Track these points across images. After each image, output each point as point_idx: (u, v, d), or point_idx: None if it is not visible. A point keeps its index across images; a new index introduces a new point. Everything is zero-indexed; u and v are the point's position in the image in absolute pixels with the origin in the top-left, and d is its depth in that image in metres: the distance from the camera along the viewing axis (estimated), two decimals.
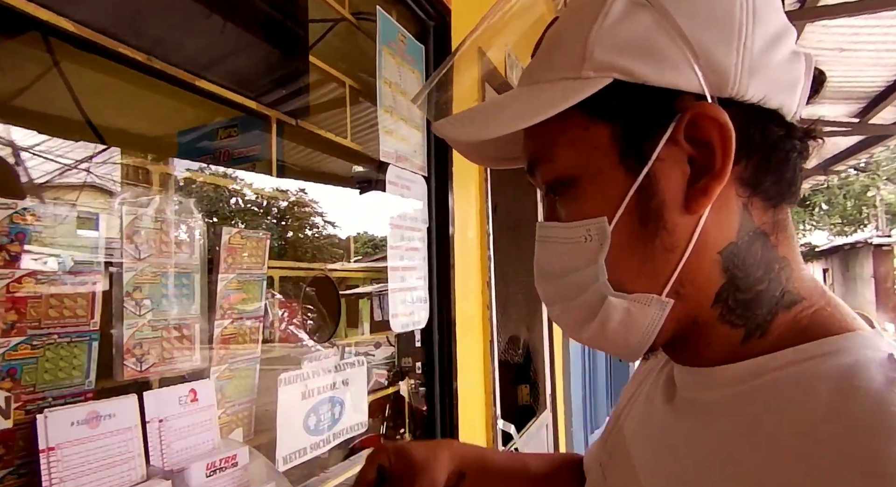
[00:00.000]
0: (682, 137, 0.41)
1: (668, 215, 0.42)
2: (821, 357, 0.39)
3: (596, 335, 0.45)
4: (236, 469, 0.89)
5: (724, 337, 0.44)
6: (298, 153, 1.71)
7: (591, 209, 0.43)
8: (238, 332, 1.05)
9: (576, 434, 3.42)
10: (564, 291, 0.46)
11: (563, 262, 0.46)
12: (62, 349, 0.76)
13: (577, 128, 0.43)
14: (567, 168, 0.44)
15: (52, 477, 0.70)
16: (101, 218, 0.80)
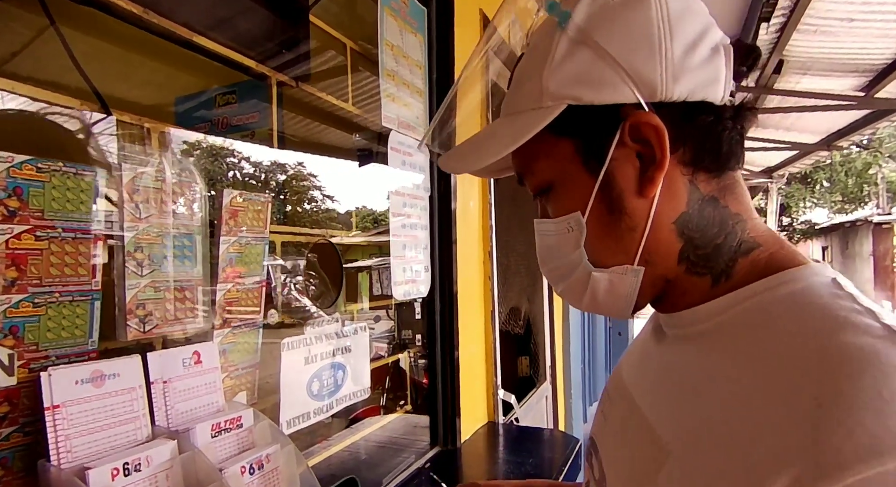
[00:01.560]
0: (628, 139, 0.51)
1: (626, 202, 0.52)
2: (778, 286, 0.48)
3: (591, 303, 0.56)
4: (241, 431, 0.90)
5: (695, 285, 0.54)
6: (298, 122, 1.68)
7: (569, 206, 0.54)
8: (240, 296, 1.04)
9: (574, 406, 3.46)
10: (561, 272, 0.57)
11: (555, 250, 0.56)
12: (64, 307, 0.75)
13: (547, 145, 0.54)
14: (545, 177, 0.55)
15: (59, 435, 0.70)
16: (100, 174, 0.78)
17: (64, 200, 0.74)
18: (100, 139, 0.82)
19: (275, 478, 0.87)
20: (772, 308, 0.47)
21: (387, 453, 1.74)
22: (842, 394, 0.37)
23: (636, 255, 0.53)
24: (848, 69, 3.73)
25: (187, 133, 1.04)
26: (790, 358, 0.42)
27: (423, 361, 2.02)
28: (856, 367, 0.38)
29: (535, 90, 0.52)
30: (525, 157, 0.56)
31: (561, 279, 0.57)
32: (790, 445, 0.38)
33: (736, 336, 0.48)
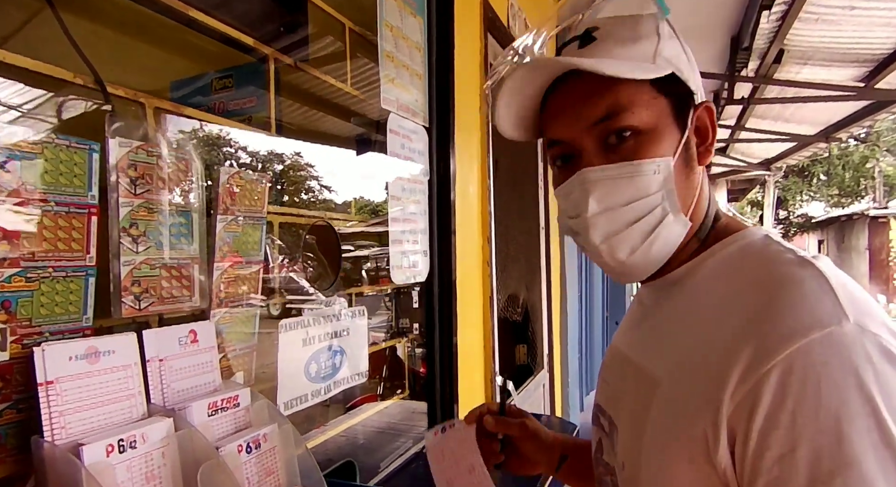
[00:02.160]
0: (694, 118, 0.64)
1: (693, 163, 0.64)
2: (731, 244, 0.63)
3: (644, 251, 0.63)
4: (238, 410, 0.89)
5: (689, 250, 0.66)
6: (297, 109, 1.67)
7: (660, 151, 0.61)
8: (238, 276, 1.03)
9: (571, 395, 3.47)
10: (628, 216, 0.62)
11: (629, 193, 0.61)
12: (58, 283, 0.74)
13: (648, 96, 0.61)
14: (643, 121, 0.61)
15: (52, 411, 0.69)
16: (94, 149, 0.77)
17: (57, 173, 0.72)
18: (94, 114, 0.81)
19: (272, 458, 0.86)
20: (728, 259, 0.62)
21: (384, 438, 1.74)
22: (773, 300, 0.52)
23: (689, 209, 0.64)
24: (849, 59, 3.71)
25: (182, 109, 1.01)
26: (738, 288, 0.57)
27: (420, 350, 2.01)
28: (782, 284, 0.53)
29: (650, 51, 0.62)
30: (626, 97, 0.61)
31: (624, 225, 0.62)
32: (740, 341, 0.52)
33: (701, 284, 0.62)
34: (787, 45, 3.59)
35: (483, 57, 2.05)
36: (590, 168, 0.62)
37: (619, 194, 0.61)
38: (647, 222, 0.62)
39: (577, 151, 0.64)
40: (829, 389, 0.46)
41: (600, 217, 0.62)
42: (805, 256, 0.56)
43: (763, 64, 4.01)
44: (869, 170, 17.02)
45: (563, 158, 0.67)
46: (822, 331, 0.48)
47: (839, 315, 0.49)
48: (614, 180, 0.61)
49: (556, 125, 0.66)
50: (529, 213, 2.93)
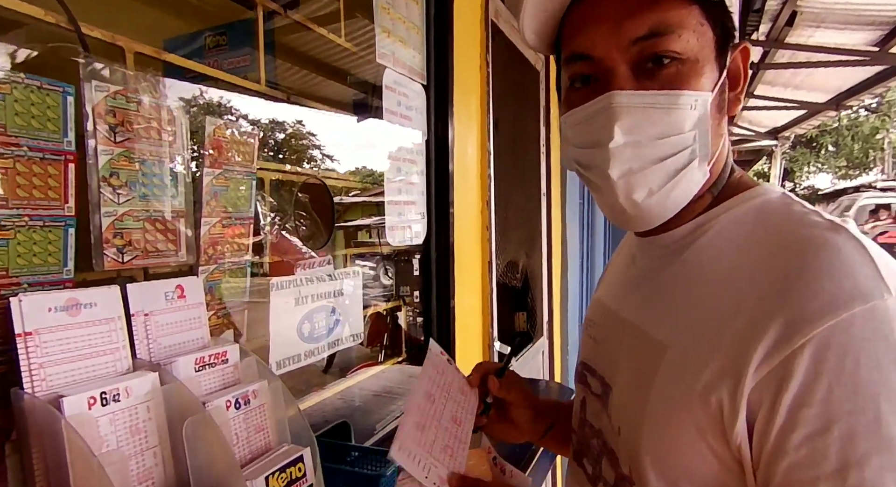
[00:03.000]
0: (731, 59, 0.58)
1: (724, 108, 0.58)
2: (746, 202, 0.58)
3: (663, 195, 0.57)
4: (227, 366, 0.87)
5: (702, 203, 0.60)
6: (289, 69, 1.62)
7: (701, 85, 0.55)
8: (227, 232, 1.00)
9: (571, 362, 3.47)
10: (656, 152, 0.55)
11: (662, 127, 0.55)
12: (35, 232, 0.71)
13: (696, 20, 0.55)
14: (689, 47, 0.54)
15: (32, 363, 0.67)
16: (68, 92, 0.73)
17: (28, 115, 0.69)
18: (67, 55, 0.77)
19: (261, 415, 0.84)
20: (744, 218, 0.57)
21: (380, 401, 1.74)
22: (804, 268, 0.47)
23: (713, 158, 0.58)
24: (863, 21, 3.59)
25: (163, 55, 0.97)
26: (762, 250, 0.52)
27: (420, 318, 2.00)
28: (811, 249, 0.48)
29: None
30: (674, 18, 0.54)
31: (649, 161, 0.55)
32: (766, 312, 0.47)
33: (714, 243, 0.57)
34: (800, 6, 3.48)
35: (484, 11, 1.97)
36: (620, 91, 0.55)
37: (651, 125, 0.55)
38: (673, 163, 0.55)
39: (604, 71, 0.56)
40: (868, 367, 0.43)
41: (625, 150, 0.55)
42: (834, 219, 0.51)
43: (774, 27, 3.90)
44: (878, 141, 16.79)
45: (584, 78, 0.59)
46: (864, 304, 0.44)
47: (881, 288, 0.44)
48: (647, 110, 0.54)
49: (585, 37, 0.57)
50: (530, 177, 2.88)
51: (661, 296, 0.60)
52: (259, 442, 0.83)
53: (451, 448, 0.72)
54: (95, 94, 0.76)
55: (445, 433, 0.73)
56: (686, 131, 0.55)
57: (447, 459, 0.71)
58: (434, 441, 0.71)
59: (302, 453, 0.81)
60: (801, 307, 0.45)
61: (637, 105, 0.55)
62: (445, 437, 0.73)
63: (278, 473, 0.77)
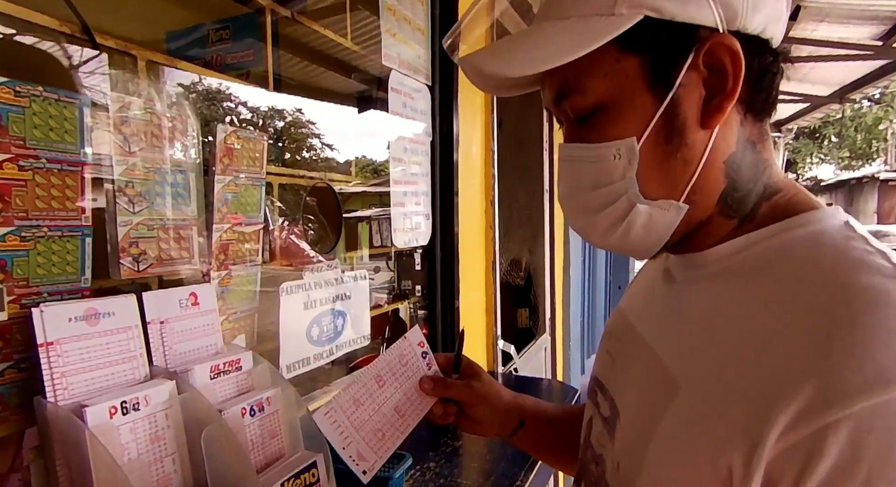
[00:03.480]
0: (701, 64, 0.48)
1: (688, 132, 0.49)
2: (795, 228, 0.49)
3: (621, 238, 0.53)
4: (240, 373, 0.88)
5: (722, 227, 0.53)
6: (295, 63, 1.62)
7: (621, 132, 0.49)
8: (238, 237, 1.01)
9: (573, 358, 3.50)
10: (593, 202, 0.53)
11: (593, 178, 0.52)
12: (54, 243, 0.73)
13: (609, 60, 0.48)
14: (599, 97, 0.49)
15: (54, 372, 0.68)
16: (85, 103, 0.74)
17: (47, 128, 0.70)
18: (83, 66, 0.77)
19: (275, 421, 0.86)
20: (789, 248, 0.48)
21: None
22: (854, 327, 0.39)
23: (684, 191, 0.50)
24: (867, 16, 3.58)
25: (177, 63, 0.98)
26: (805, 295, 0.43)
27: (422, 311, 2.01)
28: (867, 303, 0.39)
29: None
30: (576, 71, 0.49)
31: (591, 211, 0.53)
32: (798, 373, 0.39)
33: (752, 275, 0.49)
34: (804, 1, 3.46)
35: (490, 10, 1.97)
36: (563, 144, 0.56)
37: (584, 177, 0.53)
38: (614, 211, 0.52)
39: None
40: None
41: (569, 199, 0.56)
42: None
43: None
44: (882, 132, 16.73)
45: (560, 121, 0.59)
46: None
47: None
48: (577, 163, 0.54)
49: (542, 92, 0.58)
50: (533, 175, 2.89)
51: (682, 322, 0.54)
52: (273, 448, 0.84)
53: (382, 432, 0.74)
54: (111, 104, 0.77)
55: (382, 419, 0.74)
56: (615, 181, 0.51)
57: (375, 442, 0.73)
58: (367, 420, 0.73)
59: (315, 459, 0.83)
60: (843, 375, 0.37)
61: (571, 158, 0.54)
62: (380, 422, 0.74)
63: (293, 479, 0.79)
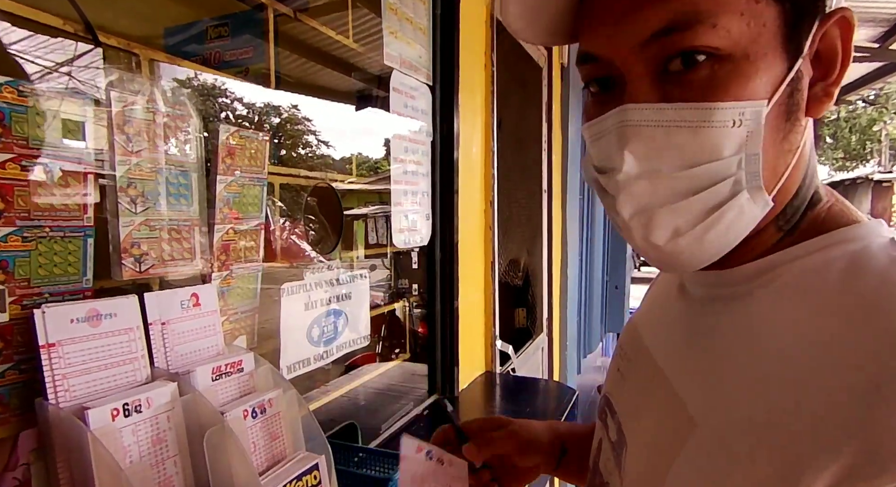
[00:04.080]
0: (818, 38, 0.41)
1: (798, 112, 0.42)
2: (833, 246, 0.41)
3: (697, 237, 0.42)
4: (242, 375, 0.88)
5: (768, 239, 0.45)
6: (295, 61, 1.61)
7: (749, 91, 0.39)
8: (239, 238, 1.01)
9: (570, 358, 3.50)
10: (683, 185, 0.41)
11: (692, 151, 0.40)
12: (56, 243, 0.72)
13: None
14: (732, 40, 0.39)
15: (55, 374, 0.68)
16: (87, 102, 0.73)
17: (50, 128, 0.69)
18: (84, 67, 0.77)
19: (277, 423, 0.86)
20: (825, 269, 0.41)
21: (386, 400, 1.76)
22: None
23: (777, 184, 0.42)
24: (865, 18, 3.60)
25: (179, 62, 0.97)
26: (845, 332, 0.36)
27: (419, 310, 2.02)
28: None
29: None
30: None
31: (674, 195, 0.41)
32: (839, 428, 0.33)
33: (783, 302, 0.42)
34: None
35: (489, 11, 1.97)
36: (634, 105, 0.41)
37: (675, 151, 0.40)
38: (708, 198, 0.41)
39: (620, 74, 0.43)
40: None
41: (638, 182, 0.42)
42: None
43: None
44: (876, 133, 16.83)
45: (600, 82, 0.46)
46: None
47: None
48: (668, 129, 0.40)
49: (590, 31, 0.44)
50: (532, 175, 2.89)
51: (702, 352, 0.47)
52: (275, 450, 0.84)
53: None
54: (114, 104, 0.77)
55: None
56: (725, 157, 0.40)
57: None
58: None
59: (317, 461, 0.83)
60: (891, 436, 0.31)
61: (656, 123, 0.41)
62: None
63: (295, 481, 0.79)
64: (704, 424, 0.41)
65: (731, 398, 0.41)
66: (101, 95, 0.76)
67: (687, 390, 0.46)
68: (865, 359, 0.34)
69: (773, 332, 0.41)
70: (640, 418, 0.52)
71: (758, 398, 0.38)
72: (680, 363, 0.49)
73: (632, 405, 0.54)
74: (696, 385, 0.45)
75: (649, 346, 0.55)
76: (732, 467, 0.38)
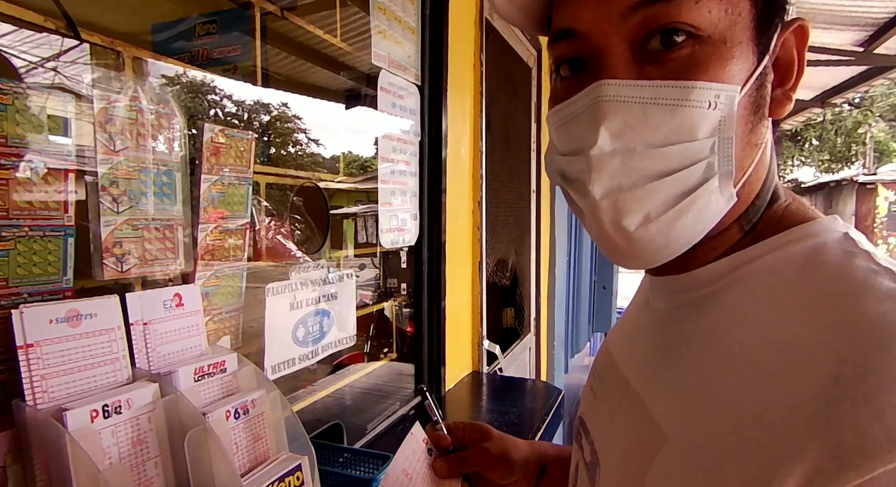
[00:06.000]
0: (779, 43, 0.43)
1: (763, 109, 0.43)
2: (791, 243, 0.42)
3: (668, 223, 0.42)
4: (225, 375, 0.88)
5: (730, 238, 0.45)
6: (283, 59, 1.60)
7: (726, 74, 0.40)
8: (224, 237, 1.00)
9: (557, 357, 3.52)
10: (655, 164, 0.41)
11: (669, 129, 0.40)
12: (35, 243, 0.71)
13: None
14: (712, 21, 0.40)
15: (33, 375, 0.67)
16: (69, 100, 0.73)
17: (30, 125, 0.68)
18: (68, 63, 0.76)
19: (260, 423, 0.85)
20: (784, 268, 0.41)
21: (372, 399, 1.76)
22: (867, 369, 0.32)
23: (742, 179, 0.43)
24: (850, 22, 3.64)
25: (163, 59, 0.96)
26: (804, 329, 0.36)
27: (407, 309, 2.01)
28: (881, 339, 0.33)
29: None
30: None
31: (646, 176, 0.41)
32: (802, 428, 0.32)
33: (743, 303, 0.42)
34: (789, 5, 3.51)
35: (479, 11, 1.97)
36: (611, 80, 0.41)
37: (651, 128, 0.40)
38: (680, 180, 0.40)
39: (595, 52, 0.42)
40: None
41: (612, 159, 0.41)
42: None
43: None
44: (861, 135, 17.05)
45: (571, 62, 0.45)
46: None
47: None
48: (646, 107, 0.40)
49: (570, 5, 0.43)
50: (521, 174, 2.90)
51: (669, 362, 0.46)
52: (258, 451, 0.84)
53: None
54: (97, 102, 0.76)
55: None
56: (700, 138, 0.40)
57: None
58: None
59: (300, 461, 0.82)
60: (859, 429, 0.30)
61: (633, 100, 0.40)
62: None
63: (278, 482, 0.78)
64: (674, 437, 0.41)
65: (698, 407, 0.40)
66: (83, 93, 0.76)
67: (655, 403, 0.45)
68: (823, 354, 0.34)
69: (737, 336, 0.40)
70: (611, 435, 0.51)
71: (725, 406, 0.38)
72: (648, 376, 0.49)
73: (604, 424, 0.54)
74: (664, 398, 0.45)
75: (618, 362, 0.55)
76: (702, 479, 0.37)
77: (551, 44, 0.46)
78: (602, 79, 0.41)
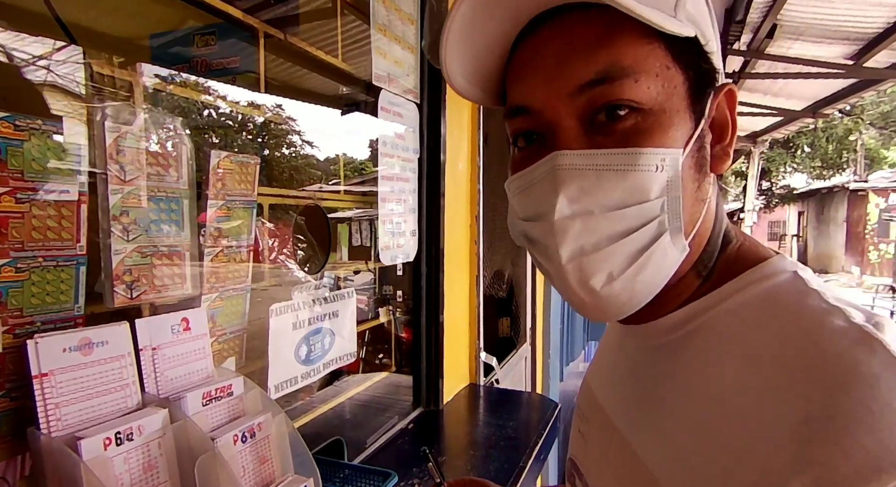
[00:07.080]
0: (713, 106, 0.47)
1: (705, 167, 0.47)
2: (745, 288, 0.46)
3: (629, 278, 0.45)
4: (232, 399, 0.89)
5: (688, 285, 0.50)
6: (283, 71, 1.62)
7: (668, 140, 0.44)
8: (228, 259, 1.02)
9: (552, 366, 3.54)
10: (614, 226, 0.44)
11: (622, 192, 0.44)
12: (49, 273, 0.73)
13: (660, 63, 0.44)
14: (651, 95, 0.44)
15: (48, 403, 0.69)
16: (81, 131, 0.75)
17: (44, 160, 0.70)
18: (80, 95, 0.78)
19: (266, 446, 0.87)
20: (744, 313, 0.45)
21: (371, 413, 1.77)
22: (833, 411, 0.35)
23: (692, 231, 0.46)
24: (839, 36, 3.70)
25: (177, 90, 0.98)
26: (770, 368, 0.40)
27: (405, 316, 2.03)
28: (840, 380, 0.36)
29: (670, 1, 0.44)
30: (632, 59, 0.43)
31: (606, 238, 0.44)
32: (781, 468, 0.36)
33: (709, 348, 0.46)
34: (780, 19, 3.57)
35: None
36: (566, 151, 0.44)
37: (606, 192, 0.43)
38: (637, 239, 0.44)
39: (549, 126, 0.46)
40: None
41: (573, 223, 0.44)
42: (861, 322, 0.39)
43: (755, 38, 3.99)
44: (852, 143, 17.22)
45: (526, 135, 0.49)
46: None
47: None
48: (599, 173, 0.43)
49: (523, 86, 0.47)
50: None
51: (650, 404, 0.49)
52: (264, 473, 0.85)
53: None
54: (108, 134, 0.78)
55: None
56: (652, 199, 0.43)
57: None
58: None
59: (306, 483, 0.84)
60: (832, 466, 0.34)
61: (587, 167, 0.44)
62: None
63: None
64: (665, 478, 0.44)
65: (684, 450, 0.43)
66: (95, 126, 0.77)
67: (642, 445, 0.48)
68: (791, 395, 0.37)
69: (707, 380, 0.44)
70: (602, 477, 0.54)
71: (711, 447, 0.41)
72: (632, 419, 0.52)
73: (596, 467, 0.57)
74: (650, 440, 0.48)
75: (603, 404, 0.58)
76: None
77: (508, 118, 0.50)
78: (557, 150, 0.45)
